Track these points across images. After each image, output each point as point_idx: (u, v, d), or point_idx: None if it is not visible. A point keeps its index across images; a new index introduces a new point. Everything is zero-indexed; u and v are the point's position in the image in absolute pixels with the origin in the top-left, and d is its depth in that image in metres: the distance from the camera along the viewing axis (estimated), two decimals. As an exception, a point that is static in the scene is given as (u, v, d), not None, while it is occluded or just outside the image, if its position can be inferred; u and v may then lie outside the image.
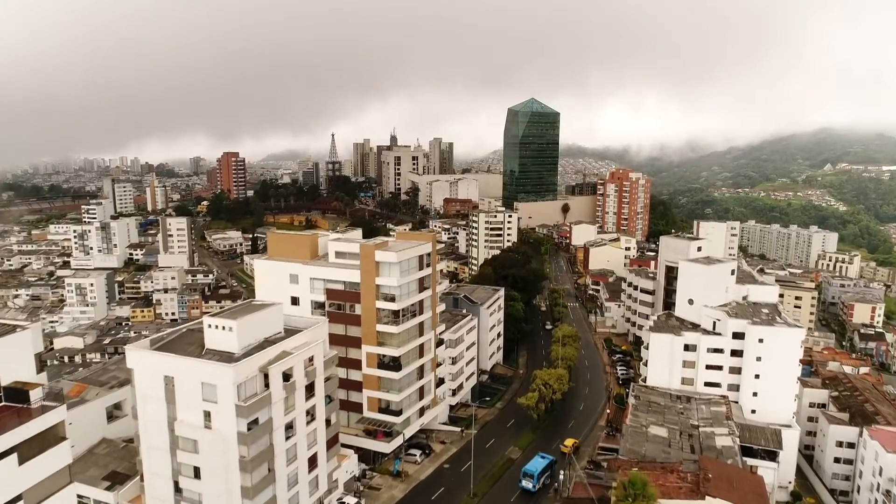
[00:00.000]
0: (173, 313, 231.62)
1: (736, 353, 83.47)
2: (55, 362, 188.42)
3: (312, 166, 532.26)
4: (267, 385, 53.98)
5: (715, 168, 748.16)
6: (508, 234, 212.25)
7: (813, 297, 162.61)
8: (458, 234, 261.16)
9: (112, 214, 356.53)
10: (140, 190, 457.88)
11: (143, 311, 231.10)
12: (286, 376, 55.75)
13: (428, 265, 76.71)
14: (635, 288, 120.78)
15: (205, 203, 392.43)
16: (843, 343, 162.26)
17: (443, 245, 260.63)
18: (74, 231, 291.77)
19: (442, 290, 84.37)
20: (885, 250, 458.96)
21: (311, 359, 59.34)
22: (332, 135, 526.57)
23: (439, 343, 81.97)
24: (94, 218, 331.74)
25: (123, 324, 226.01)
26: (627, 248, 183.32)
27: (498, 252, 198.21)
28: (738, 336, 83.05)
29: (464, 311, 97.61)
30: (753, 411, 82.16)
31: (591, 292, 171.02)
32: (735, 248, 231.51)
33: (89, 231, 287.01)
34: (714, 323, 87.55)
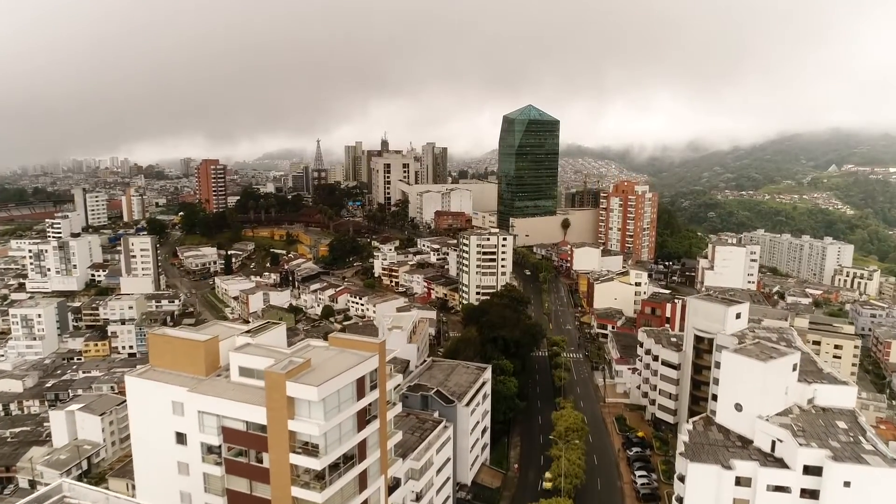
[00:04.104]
0: (131, 346, 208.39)
1: (808, 493, 60.31)
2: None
3: (303, 170, 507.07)
4: None
5: (717, 169, 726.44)
6: (503, 261, 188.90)
7: (855, 346, 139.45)
8: (448, 254, 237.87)
9: (77, 230, 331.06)
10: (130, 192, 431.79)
11: (96, 345, 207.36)
12: None
13: (374, 387, 52.99)
14: (655, 358, 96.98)
15: (181, 214, 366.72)
16: (887, 397, 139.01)
17: (433, 268, 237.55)
18: (30, 250, 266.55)
19: (406, 380, 61.38)
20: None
21: None
22: (318, 141, 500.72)
23: (394, 487, 58.34)
24: (60, 233, 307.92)
25: (74, 359, 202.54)
26: (638, 284, 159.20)
27: (490, 289, 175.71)
28: (811, 471, 59.81)
29: (436, 414, 73.74)
30: (835, 579, 59.13)
31: (596, 331, 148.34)
32: (755, 273, 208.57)
33: (46, 251, 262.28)
34: (773, 443, 64.27)
